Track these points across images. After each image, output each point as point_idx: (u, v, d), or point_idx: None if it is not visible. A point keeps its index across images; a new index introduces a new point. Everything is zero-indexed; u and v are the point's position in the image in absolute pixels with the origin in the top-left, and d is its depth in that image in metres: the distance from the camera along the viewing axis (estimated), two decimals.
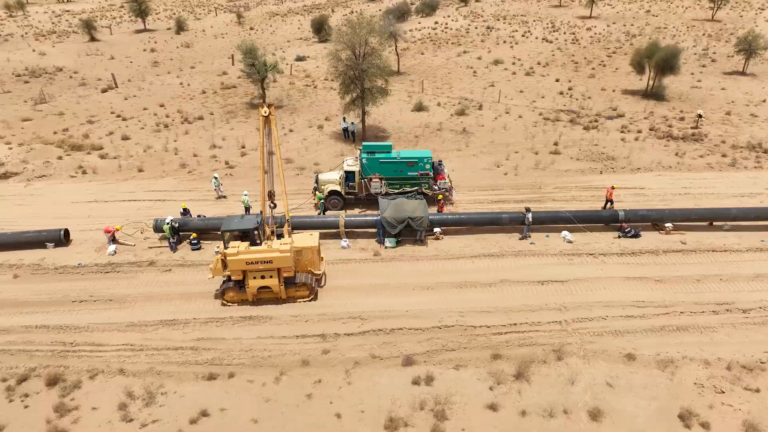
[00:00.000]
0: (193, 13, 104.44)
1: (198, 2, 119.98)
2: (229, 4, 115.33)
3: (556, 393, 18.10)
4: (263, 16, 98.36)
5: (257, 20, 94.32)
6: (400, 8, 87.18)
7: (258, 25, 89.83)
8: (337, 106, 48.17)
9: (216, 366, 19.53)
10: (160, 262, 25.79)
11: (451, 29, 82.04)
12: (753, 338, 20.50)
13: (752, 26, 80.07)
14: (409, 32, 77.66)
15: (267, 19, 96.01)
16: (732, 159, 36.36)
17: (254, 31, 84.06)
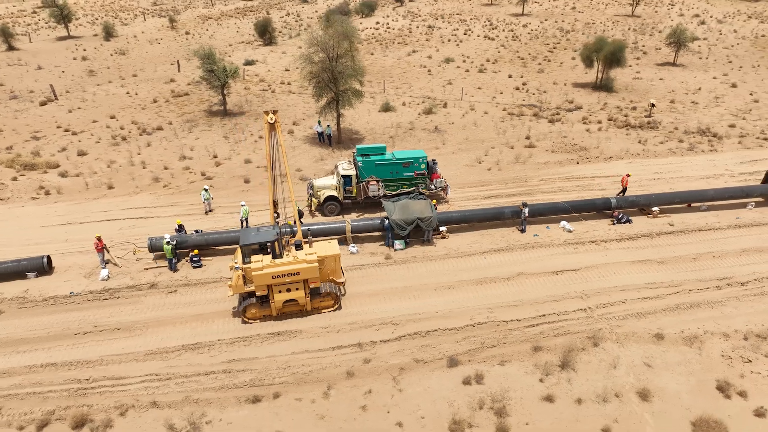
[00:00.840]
0: (117, 18, 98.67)
1: (120, 7, 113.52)
2: (155, 8, 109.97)
3: (602, 378, 18.70)
4: (196, 20, 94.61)
5: (191, 24, 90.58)
6: (340, 9, 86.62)
7: (193, 29, 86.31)
8: (301, 110, 47.29)
9: (257, 387, 18.61)
10: (162, 283, 24.23)
11: (394, 29, 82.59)
12: (757, 308, 22.12)
13: (668, 21, 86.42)
14: None
15: (201, 23, 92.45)
16: (689, 144, 39.04)
17: (191, 36, 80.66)
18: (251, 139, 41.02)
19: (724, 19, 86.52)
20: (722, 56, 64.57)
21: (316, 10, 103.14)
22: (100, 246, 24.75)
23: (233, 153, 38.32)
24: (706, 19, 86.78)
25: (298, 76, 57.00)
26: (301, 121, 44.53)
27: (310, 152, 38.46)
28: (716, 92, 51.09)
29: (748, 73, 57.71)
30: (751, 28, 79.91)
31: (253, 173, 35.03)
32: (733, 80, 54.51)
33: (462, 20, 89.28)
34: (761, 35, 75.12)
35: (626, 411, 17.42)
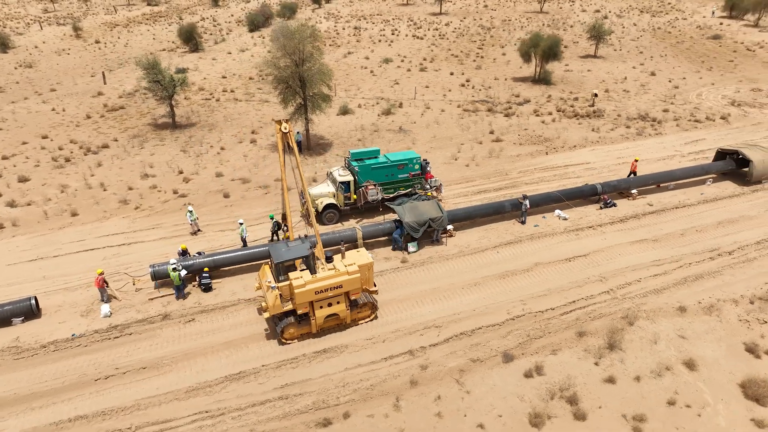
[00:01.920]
0: (6, 27, 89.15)
1: (6, 15, 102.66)
2: (48, 16, 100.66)
3: (648, 354, 19.79)
4: (102, 28, 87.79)
5: (97, 32, 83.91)
6: (262, 11, 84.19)
7: (102, 37, 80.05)
8: (254, 118, 45.55)
9: (323, 410, 17.76)
10: (174, 313, 22.37)
11: (320, 31, 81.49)
12: (750, 274, 24.41)
13: (574, 16, 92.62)
14: None
15: (108, 30, 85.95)
16: (636, 129, 42.17)
17: (103, 45, 74.78)
18: (212, 151, 38.88)
19: (621, 14, 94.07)
20: (632, 48, 70.23)
21: (232, 14, 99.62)
22: (100, 282, 22.38)
23: (199, 167, 36.12)
24: (606, 14, 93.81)
25: (240, 82, 55.06)
26: (259, 130, 42.86)
27: None
28: (640, 80, 55.56)
29: (659, 62, 63.26)
30: (646, 21, 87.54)
31: (230, 187, 33.25)
32: (650, 69, 59.50)
33: (385, 20, 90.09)
34: (657, 28, 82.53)
35: (681, 382, 18.56)
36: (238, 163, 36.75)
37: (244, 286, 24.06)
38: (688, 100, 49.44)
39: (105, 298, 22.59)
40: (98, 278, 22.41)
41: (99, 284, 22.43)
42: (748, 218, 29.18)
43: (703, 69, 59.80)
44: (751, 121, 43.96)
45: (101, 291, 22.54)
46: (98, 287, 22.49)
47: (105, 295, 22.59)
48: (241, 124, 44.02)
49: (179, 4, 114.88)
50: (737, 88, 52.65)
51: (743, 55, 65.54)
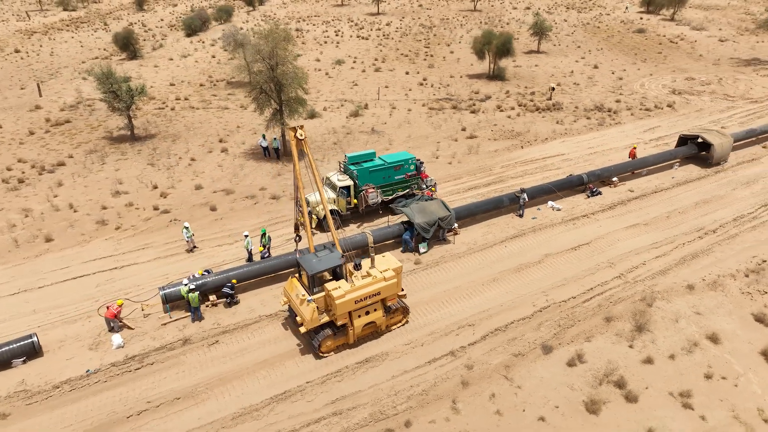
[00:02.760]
0: None
1: None
2: None
3: (674, 332, 20.86)
4: (17, 36, 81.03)
5: (13, 41, 77.33)
6: (199, 15, 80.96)
7: (22, 46, 73.88)
8: (218, 125, 43.74)
9: (383, 421, 17.37)
10: (195, 337, 21.07)
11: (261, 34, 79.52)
12: (737, 249, 26.30)
13: (507, 14, 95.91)
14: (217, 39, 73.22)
15: (26, 38, 79.48)
16: (596, 119, 44.28)
17: (25, 55, 69.06)
18: (183, 162, 36.94)
19: (551, 11, 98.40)
20: (570, 43, 73.66)
21: (162, 19, 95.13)
22: (113, 313, 20.71)
23: (173, 180, 34.22)
24: (537, 10, 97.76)
25: (191, 89, 52.70)
26: (227, 138, 41.20)
27: (262, 169, 35.90)
28: (586, 73, 58.36)
29: (598, 55, 66.75)
30: (575, 17, 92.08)
31: (214, 199, 31.75)
32: (592, 62, 62.66)
33: (325, 22, 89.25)
34: (586, 23, 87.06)
35: (710, 356, 19.70)
36: (215, 174, 35.14)
37: (262, 302, 23.07)
38: (633, 90, 52.51)
39: (116, 327, 20.91)
40: (117, 309, 20.79)
41: (113, 315, 20.76)
42: (719, 197, 31.40)
43: (638, 61, 63.69)
44: (694, 107, 47.33)
45: (110, 321, 20.85)
46: (110, 317, 20.79)
47: (116, 325, 20.92)
48: (206, 133, 42.12)
49: (99, 8, 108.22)
50: (673, 78, 56.52)
51: (668, 47, 70.45)
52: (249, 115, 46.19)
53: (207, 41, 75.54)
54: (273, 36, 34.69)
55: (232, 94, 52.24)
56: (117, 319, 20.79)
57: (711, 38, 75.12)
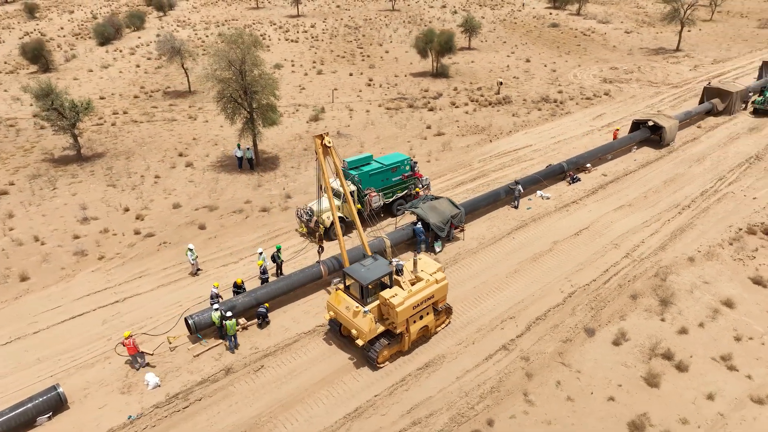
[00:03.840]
0: None
1: None
2: None
3: (693, 302, 22.50)
4: None
5: None
6: (111, 22, 75.31)
7: None
8: (171, 139, 41.10)
9: (465, 423, 17.27)
10: (237, 364, 19.72)
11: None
12: (713, 221, 28.81)
13: (426, 12, 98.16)
14: (136, 47, 68.94)
15: None
16: (548, 110, 46.55)
17: None
18: (147, 181, 34.32)
19: (466, 9, 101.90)
20: (495, 39, 76.76)
21: (62, 27, 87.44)
22: (135, 348, 18.89)
23: (145, 201, 31.72)
24: (453, 9, 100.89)
25: (127, 102, 49.08)
26: (186, 151, 38.82)
27: (239, 181, 34.21)
28: (521, 67, 61.13)
29: (525, 50, 70.12)
30: (491, 14, 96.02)
31: (198, 217, 29.84)
32: (523, 57, 65.74)
33: (246, 25, 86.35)
34: (503, 20, 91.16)
35: (732, 320, 21.49)
36: (188, 190, 32.98)
37: (293, 319, 22.05)
38: (569, 81, 55.76)
39: (143, 363, 19.15)
40: (129, 342, 18.93)
41: (133, 350, 18.93)
42: (680, 175, 34.24)
43: (563, 54, 67.69)
44: (627, 95, 51.14)
45: (136, 357, 19.05)
46: (132, 354, 18.96)
47: (142, 359, 19.17)
48: (161, 148, 39.39)
49: None
50: (599, 68, 60.70)
51: (585, 40, 75.51)
52: (202, 126, 43.83)
53: (125, 50, 70.49)
54: (241, 41, 33.00)
55: (174, 105, 49.20)
56: (141, 353, 19.08)
57: (617, 30, 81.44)
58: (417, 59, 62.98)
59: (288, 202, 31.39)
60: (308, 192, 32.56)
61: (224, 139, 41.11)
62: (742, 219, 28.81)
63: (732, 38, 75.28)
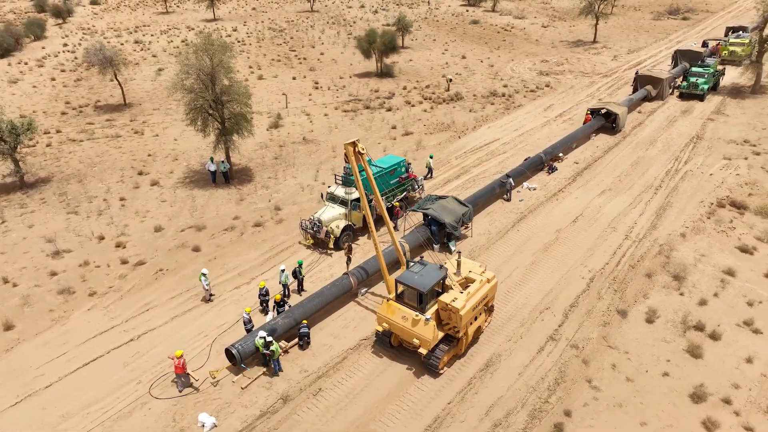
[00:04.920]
0: None
1: None
2: None
3: (700, 275, 24.22)
4: None
5: None
6: (10, 32, 67.89)
7: None
8: (122, 157, 37.90)
9: (545, 418, 17.45)
10: (292, 390, 18.58)
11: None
12: (685, 198, 31.14)
13: (347, 12, 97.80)
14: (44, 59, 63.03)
15: None
16: (501, 104, 48.07)
17: None
18: (113, 204, 31.39)
19: (385, 8, 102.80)
20: (423, 37, 78.01)
21: None
22: (182, 367, 17.50)
23: (119, 226, 29.01)
24: (377, 9, 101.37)
25: (54, 120, 44.68)
26: (146, 169, 35.93)
27: (218, 196, 32.19)
28: (460, 64, 62.64)
29: (457, 47, 71.89)
30: (409, 13, 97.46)
31: (189, 239, 27.77)
32: (457, 53, 67.38)
33: (163, 31, 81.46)
34: (424, 18, 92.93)
35: (738, 287, 23.38)
36: (164, 211, 30.55)
37: (332, 335, 21.14)
38: (508, 75, 57.96)
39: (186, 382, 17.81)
40: (180, 361, 17.81)
41: (181, 369, 17.81)
42: (641, 158, 36.73)
43: (493, 49, 70.17)
44: (566, 85, 54.04)
45: (181, 377, 17.71)
46: (179, 373, 17.70)
47: (186, 380, 17.81)
48: (115, 167, 36.16)
49: None
50: (532, 62, 63.61)
51: (508, 35, 78.79)
52: (153, 141, 40.79)
53: (30, 62, 63.87)
54: (212, 48, 30.98)
55: (112, 120, 45.33)
56: (187, 374, 17.82)
57: (534, 25, 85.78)
58: (357, 60, 62.67)
59: (280, 214, 30.00)
60: (297, 202, 31.36)
61: (183, 153, 38.51)
62: (709, 194, 31.40)
63: (635, 30, 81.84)
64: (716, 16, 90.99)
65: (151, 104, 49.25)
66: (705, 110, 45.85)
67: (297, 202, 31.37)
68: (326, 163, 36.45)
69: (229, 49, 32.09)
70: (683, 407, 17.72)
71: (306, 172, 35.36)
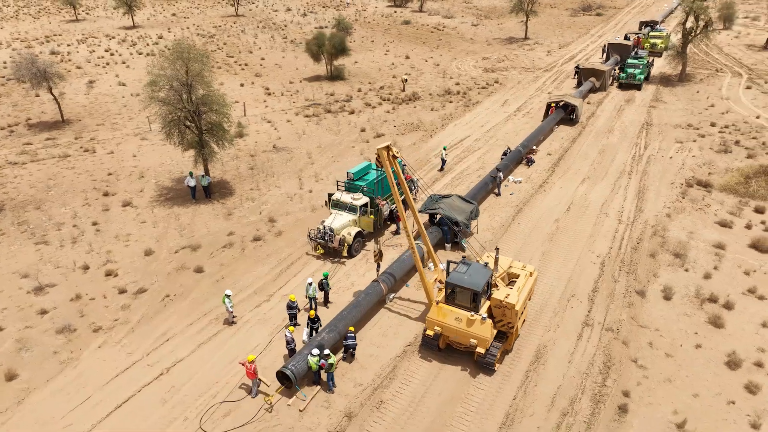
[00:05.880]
0: None
1: None
2: None
3: (696, 251, 25.97)
4: None
5: None
6: None
7: None
8: (79, 179, 34.92)
9: (607, 401, 18.03)
10: (352, 406, 17.93)
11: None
12: (656, 180, 33.31)
13: (274, 15, 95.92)
14: None
15: None
16: (460, 102, 49.04)
17: None
18: (86, 230, 28.81)
19: (313, 11, 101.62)
20: (360, 38, 77.92)
21: None
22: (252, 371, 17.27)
23: (101, 253, 26.69)
24: (297, 11, 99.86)
25: None
26: (111, 189, 33.24)
27: (203, 213, 30.41)
28: (406, 64, 63.19)
29: (396, 47, 72.38)
30: (338, 15, 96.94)
31: (187, 260, 26.06)
32: (400, 54, 67.90)
33: (80, 41, 75.69)
34: (355, 20, 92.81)
35: (731, 259, 25.33)
36: (148, 232, 28.45)
37: (374, 344, 20.66)
38: (457, 73, 59.24)
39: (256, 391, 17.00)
40: (251, 366, 17.52)
41: (252, 375, 17.54)
42: (606, 146, 38.90)
43: (433, 48, 71.38)
44: (514, 81, 56.07)
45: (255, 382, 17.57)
46: (252, 378, 17.50)
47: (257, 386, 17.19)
48: (75, 190, 33.18)
49: None
50: (474, 59, 65.41)
51: (443, 35, 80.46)
52: (108, 158, 37.87)
53: None
54: (188, 55, 29.18)
55: (53, 138, 41.55)
56: (258, 379, 17.57)
57: (464, 24, 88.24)
58: (302, 64, 61.64)
59: (276, 226, 28.86)
60: (290, 212, 30.32)
61: (147, 169, 36.00)
62: (676, 176, 33.80)
63: (558, 26, 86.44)
64: (624, 12, 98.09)
65: (93, 119, 45.59)
66: (645, 98, 49.28)
67: (290, 212, 30.30)
68: (306, 171, 35.51)
69: (206, 56, 30.36)
70: (724, 375, 18.93)
71: (288, 180, 34.23)
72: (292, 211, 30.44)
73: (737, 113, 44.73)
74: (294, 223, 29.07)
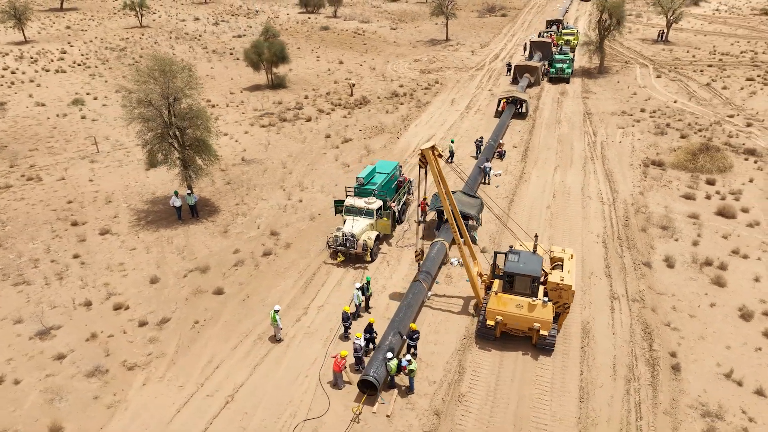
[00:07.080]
0: None
1: None
2: None
3: (677, 223, 28.79)
4: None
5: None
6: None
7: None
8: (44, 209, 31.75)
9: (661, 364, 19.69)
10: (436, 405, 18.11)
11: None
12: (616, 164, 36.37)
13: (182, 25, 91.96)
14: None
15: None
16: (412, 104, 50.13)
17: None
18: (71, 264, 26.30)
19: (224, 19, 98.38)
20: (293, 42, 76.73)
21: None
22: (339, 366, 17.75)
23: (98, 287, 24.55)
24: (208, 20, 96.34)
25: None
26: (84, 218, 30.48)
27: (195, 232, 28.82)
28: (342, 69, 63.29)
29: (325, 53, 72.16)
30: (251, 22, 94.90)
31: (200, 282, 24.67)
32: (332, 59, 67.84)
33: None
34: None
35: (708, 227, 28.37)
36: (144, 259, 26.51)
37: (429, 341, 20.93)
38: (396, 75, 60.36)
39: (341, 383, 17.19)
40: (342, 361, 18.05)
41: (339, 369, 17.86)
42: (561, 135, 41.73)
43: (362, 53, 72.06)
44: (453, 80, 58.21)
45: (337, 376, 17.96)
46: (337, 371, 17.92)
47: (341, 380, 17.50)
48: (34, 222, 30.02)
49: None
50: (406, 62, 66.95)
51: (367, 39, 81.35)
52: (61, 186, 34.62)
53: None
54: (169, 69, 27.51)
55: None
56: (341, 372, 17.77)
57: (383, 28, 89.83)
58: (237, 74, 59.95)
59: (281, 238, 28.04)
60: (289, 223, 29.60)
61: (112, 193, 33.34)
62: (632, 158, 37.13)
63: (471, 27, 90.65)
64: (525, 12, 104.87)
65: (22, 145, 41.22)
66: (576, 90, 53.37)
67: (288, 223, 29.56)
68: (287, 181, 34.74)
69: (190, 69, 28.78)
70: (743, 327, 21.34)
71: (272, 192, 33.30)
72: (290, 222, 29.69)
73: (657, 99, 49.77)
74: (298, 234, 28.41)
